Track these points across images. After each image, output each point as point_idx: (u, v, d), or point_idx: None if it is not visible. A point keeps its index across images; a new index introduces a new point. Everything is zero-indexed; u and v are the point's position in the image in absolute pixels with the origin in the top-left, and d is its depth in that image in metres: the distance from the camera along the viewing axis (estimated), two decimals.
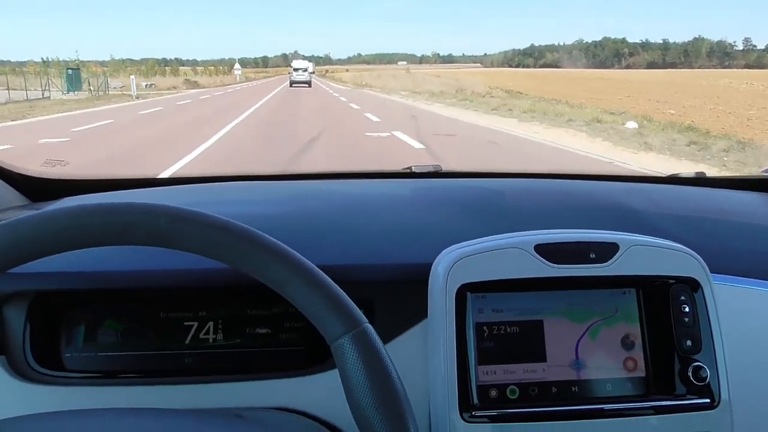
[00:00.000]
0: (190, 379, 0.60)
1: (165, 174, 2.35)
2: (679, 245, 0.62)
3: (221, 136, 9.06)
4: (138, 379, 0.61)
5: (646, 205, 0.83)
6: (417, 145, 7.95)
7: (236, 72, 53.66)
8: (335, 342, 0.42)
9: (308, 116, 13.21)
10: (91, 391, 0.59)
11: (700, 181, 1.01)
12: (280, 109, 15.98)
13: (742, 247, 0.76)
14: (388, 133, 9.34)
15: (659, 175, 1.15)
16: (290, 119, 12.34)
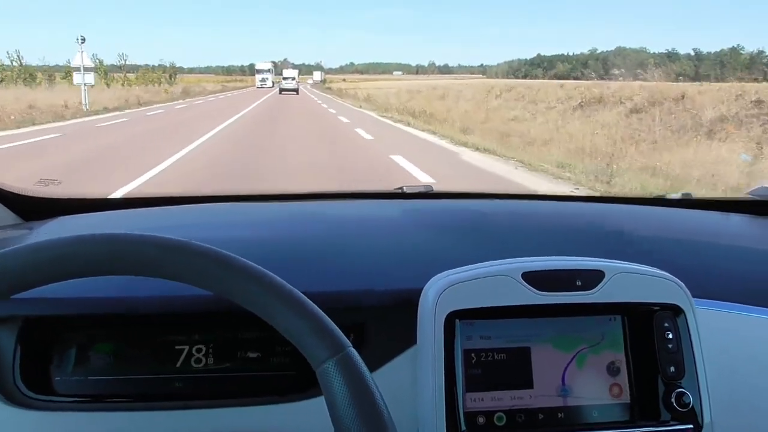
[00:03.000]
0: (181, 404, 0.72)
1: None
2: (663, 272, 0.77)
3: None
4: (128, 404, 0.72)
5: (632, 227, 1.00)
6: None
7: (81, 81, 20.74)
8: (320, 367, 0.51)
9: None
10: (82, 417, 0.71)
11: (686, 202, 1.21)
12: None
13: (728, 269, 0.93)
14: None
15: (646, 196, 1.33)
16: None
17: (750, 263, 0.96)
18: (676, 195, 1.24)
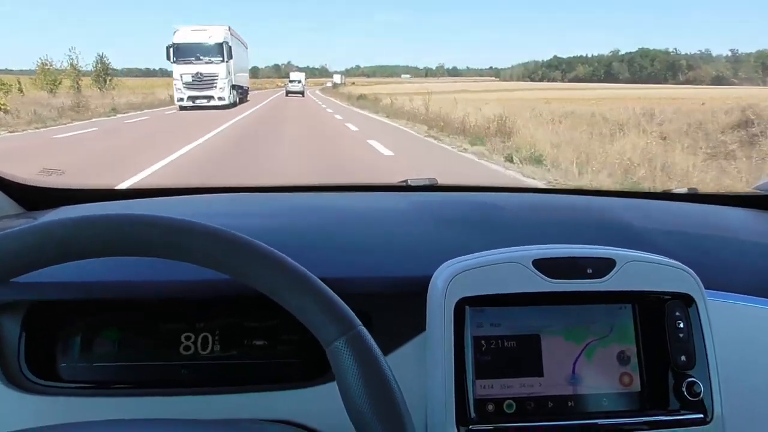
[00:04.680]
0: (186, 391, 0.79)
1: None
2: (674, 261, 0.84)
3: None
4: (134, 390, 0.80)
5: (639, 220, 1.09)
6: None
7: None
8: (331, 345, 0.56)
9: None
10: (87, 402, 0.78)
11: (692, 197, 1.30)
12: None
13: (734, 262, 1.01)
14: None
15: (652, 190, 1.42)
16: None
17: (756, 256, 1.04)
18: (682, 189, 1.33)
